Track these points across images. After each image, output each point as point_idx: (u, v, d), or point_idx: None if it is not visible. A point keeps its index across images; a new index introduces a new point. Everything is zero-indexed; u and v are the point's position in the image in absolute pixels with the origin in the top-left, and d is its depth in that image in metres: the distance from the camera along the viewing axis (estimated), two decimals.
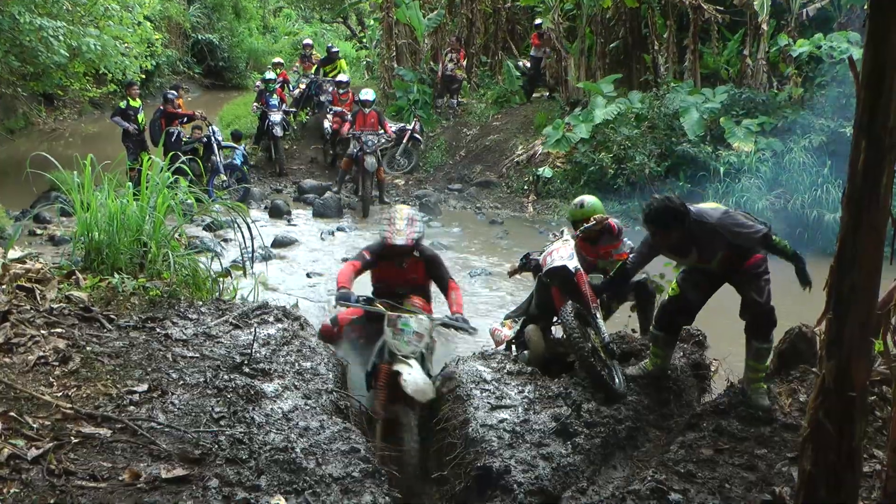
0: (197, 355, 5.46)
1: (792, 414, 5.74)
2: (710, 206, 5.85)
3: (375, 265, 6.54)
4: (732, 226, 5.56)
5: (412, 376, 5.55)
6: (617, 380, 5.95)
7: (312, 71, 22.22)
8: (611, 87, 17.85)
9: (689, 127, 15.67)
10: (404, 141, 18.73)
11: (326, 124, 19.07)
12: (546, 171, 17.17)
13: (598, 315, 6.28)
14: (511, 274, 7.78)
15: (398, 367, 5.63)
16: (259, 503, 3.92)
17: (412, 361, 5.69)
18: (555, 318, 6.72)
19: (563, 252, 6.43)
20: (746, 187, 14.29)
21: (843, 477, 3.54)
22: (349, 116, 17.63)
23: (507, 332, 7.35)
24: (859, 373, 3.43)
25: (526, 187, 17.54)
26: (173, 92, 17.67)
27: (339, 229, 14.75)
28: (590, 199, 7.41)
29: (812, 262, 5.78)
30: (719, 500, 4.85)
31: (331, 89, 19.77)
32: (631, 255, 6.13)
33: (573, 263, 6.30)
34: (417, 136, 19.03)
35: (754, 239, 5.56)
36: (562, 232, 6.95)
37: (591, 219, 7.06)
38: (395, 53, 22.31)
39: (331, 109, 19.15)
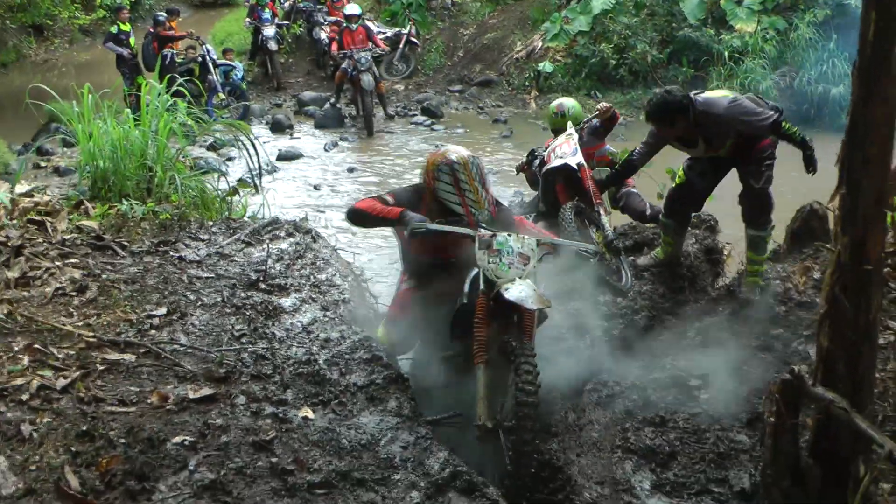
0: (212, 275, 5.49)
1: (806, 292, 5.77)
2: (717, 95, 5.72)
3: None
4: (741, 114, 5.43)
5: (518, 285, 4.25)
6: (624, 277, 5.94)
7: None
8: None
9: (689, 11, 15.38)
10: (401, 46, 18.43)
11: (323, 35, 18.70)
12: (546, 66, 16.93)
13: (601, 211, 6.22)
14: (518, 170, 7.73)
15: (501, 287, 4.29)
16: (287, 416, 3.98)
17: (518, 280, 4.31)
18: None
19: (566, 148, 6.35)
20: (751, 68, 14.08)
21: (861, 350, 3.56)
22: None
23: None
24: (874, 246, 3.41)
25: (527, 84, 17.32)
26: (163, 14, 17.31)
27: (342, 139, 14.67)
28: (569, 103, 7.31)
29: (820, 137, 5.74)
30: (738, 383, 4.92)
31: None
32: (637, 147, 6.07)
33: (576, 159, 6.22)
34: (414, 39, 18.72)
35: (763, 126, 5.42)
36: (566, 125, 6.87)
37: (597, 108, 6.99)
38: None
39: (325, 20, 18.78)
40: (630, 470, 4.24)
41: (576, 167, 6.20)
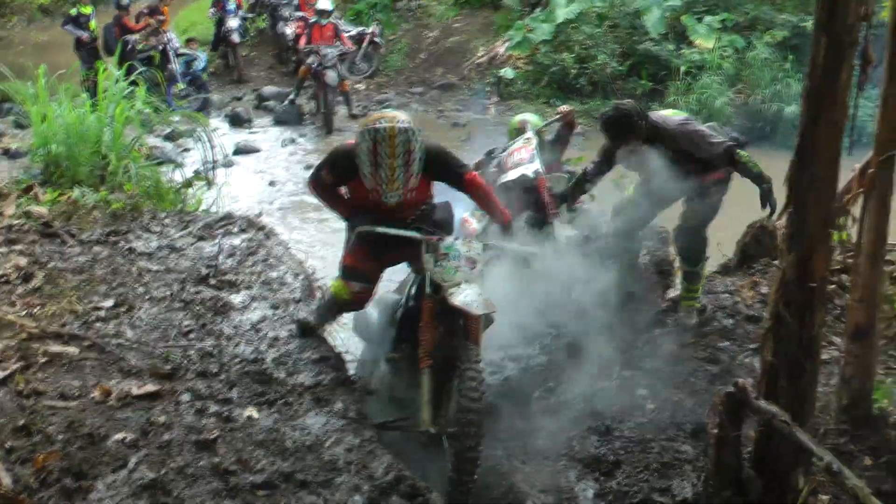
0: (162, 268, 5.42)
1: (754, 306, 5.85)
2: (670, 113, 5.72)
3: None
4: (692, 133, 5.31)
5: (464, 290, 4.19)
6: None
7: None
8: None
9: (651, 25, 15.50)
10: (364, 45, 18.35)
11: (289, 31, 18.52)
12: (508, 72, 16.97)
13: (556, 224, 6.18)
14: (476, 168, 7.69)
15: (447, 292, 4.22)
16: (232, 415, 3.94)
17: (464, 284, 4.26)
18: None
19: (523, 154, 6.27)
20: (707, 84, 14.21)
21: (804, 365, 3.63)
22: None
23: (476, 225, 7.22)
24: (819, 264, 3.48)
25: (488, 89, 17.34)
26: None
27: (301, 136, 14.58)
28: (532, 119, 7.19)
29: (774, 155, 5.81)
30: (685, 394, 4.97)
31: None
32: (589, 165, 6.00)
33: (534, 167, 6.14)
34: (377, 39, 18.63)
35: (713, 151, 5.23)
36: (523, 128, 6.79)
37: (558, 111, 7.00)
38: None
39: (291, 15, 18.61)
40: (574, 478, 4.26)
41: (532, 177, 6.11)
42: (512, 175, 6.20)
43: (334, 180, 4.68)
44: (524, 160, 6.21)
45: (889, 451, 4.35)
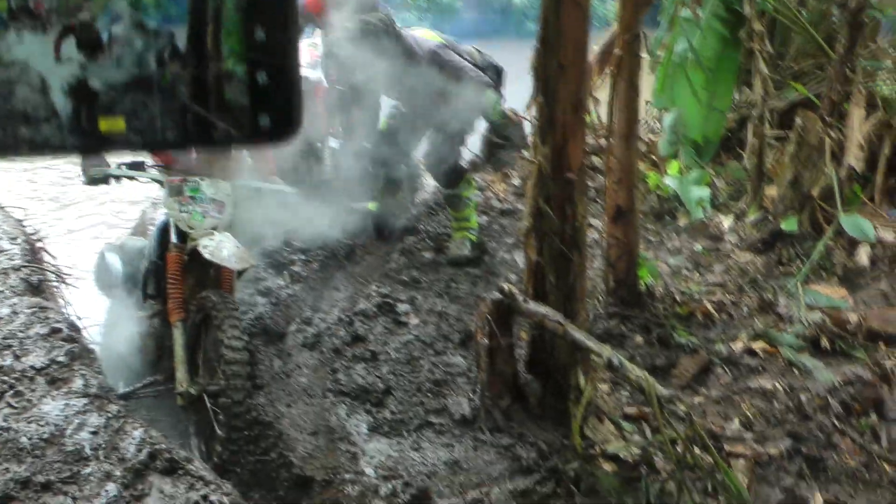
0: None
1: (507, 200, 5.70)
2: (426, 35, 5.16)
3: None
4: (444, 63, 4.91)
5: (216, 242, 3.81)
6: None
7: None
8: None
9: None
10: None
11: None
12: None
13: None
14: None
15: (195, 242, 3.85)
16: None
17: (216, 234, 3.89)
18: None
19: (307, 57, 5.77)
20: None
21: (570, 260, 3.47)
22: None
23: None
24: (575, 153, 3.30)
25: None
26: None
27: None
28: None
29: (507, 46, 5.58)
30: (447, 301, 4.74)
31: None
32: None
33: (315, 74, 5.64)
34: None
35: (463, 87, 4.87)
36: None
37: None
38: None
39: None
40: (344, 415, 3.92)
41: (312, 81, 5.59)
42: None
43: None
44: (304, 65, 5.64)
45: (658, 326, 4.37)
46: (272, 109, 0.89)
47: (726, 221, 5.59)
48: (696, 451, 3.29)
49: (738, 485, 3.04)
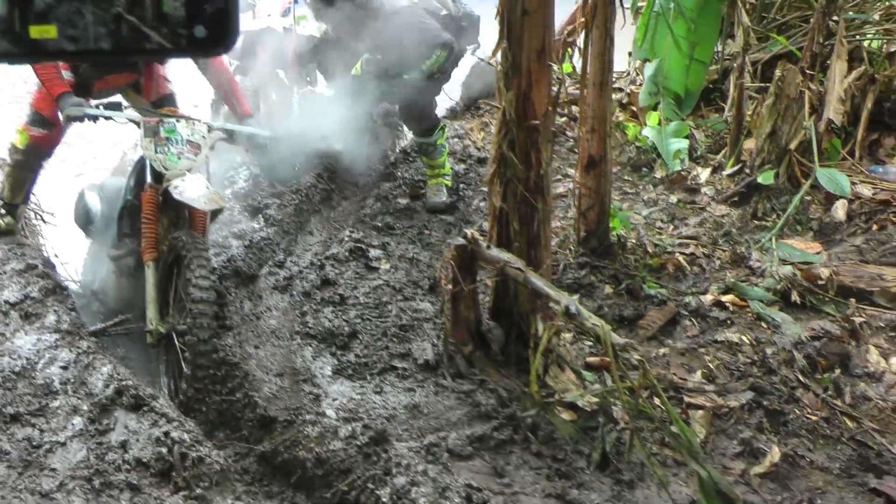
0: None
1: (485, 148, 5.68)
2: None
3: None
4: (412, 23, 4.88)
5: (188, 182, 3.84)
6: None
7: None
8: None
9: None
10: None
11: None
12: None
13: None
14: None
15: (169, 183, 3.88)
16: None
17: (189, 175, 3.92)
18: None
19: (276, 5, 5.71)
20: None
21: (535, 207, 3.47)
22: None
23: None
24: (539, 99, 3.28)
25: None
26: None
27: None
28: None
29: None
30: (420, 247, 4.75)
31: None
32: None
33: (285, 22, 5.59)
34: None
35: (426, 45, 4.86)
36: None
37: None
38: None
39: None
40: (310, 357, 3.94)
41: (281, 32, 5.58)
42: (257, 25, 5.67)
43: None
44: (275, 13, 5.61)
45: (628, 277, 4.37)
46: (207, 20, 0.89)
47: (703, 174, 5.56)
48: (654, 400, 3.33)
49: (689, 435, 3.06)
